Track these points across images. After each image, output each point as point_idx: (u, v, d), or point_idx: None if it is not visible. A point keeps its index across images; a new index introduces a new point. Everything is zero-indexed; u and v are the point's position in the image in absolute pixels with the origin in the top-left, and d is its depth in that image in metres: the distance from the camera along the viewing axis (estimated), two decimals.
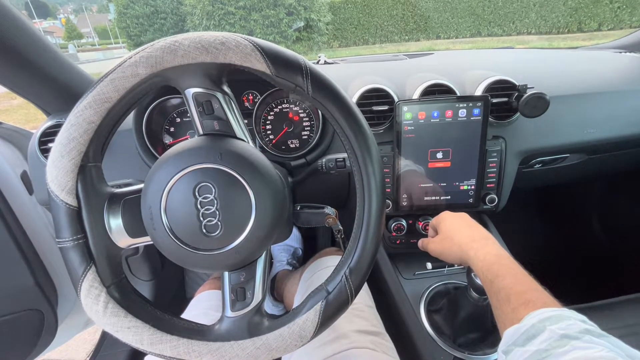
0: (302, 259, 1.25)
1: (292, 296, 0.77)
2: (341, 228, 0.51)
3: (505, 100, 0.68)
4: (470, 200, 0.71)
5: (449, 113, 0.65)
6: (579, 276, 1.12)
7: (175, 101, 0.68)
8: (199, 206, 0.36)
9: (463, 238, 0.49)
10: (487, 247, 0.45)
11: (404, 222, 0.75)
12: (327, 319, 0.39)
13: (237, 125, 0.39)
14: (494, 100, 0.67)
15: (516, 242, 0.68)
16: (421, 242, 0.60)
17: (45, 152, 0.65)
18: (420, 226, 0.75)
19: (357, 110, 0.38)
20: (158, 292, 1.06)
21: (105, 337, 1.04)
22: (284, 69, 0.35)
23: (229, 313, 0.40)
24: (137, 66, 0.34)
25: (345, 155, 0.55)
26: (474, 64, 0.83)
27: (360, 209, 0.39)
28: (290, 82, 0.36)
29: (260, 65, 0.35)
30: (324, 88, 0.36)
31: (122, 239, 0.39)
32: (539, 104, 0.62)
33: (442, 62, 0.94)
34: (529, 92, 0.64)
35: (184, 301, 1.22)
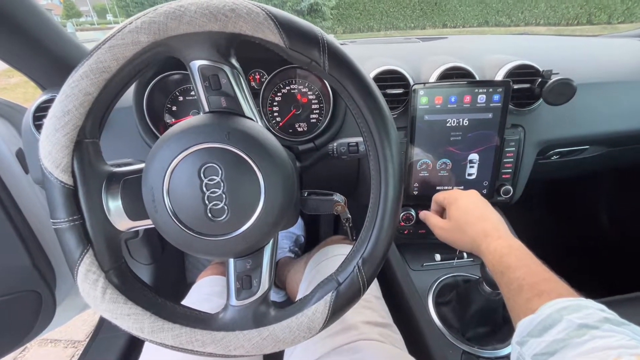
0: (305, 246, 1.23)
1: (295, 284, 0.76)
2: (350, 216, 0.49)
3: (527, 87, 0.64)
4: (484, 191, 0.68)
5: (467, 99, 0.62)
6: (587, 271, 1.11)
7: (177, 77, 0.65)
8: (204, 189, 0.34)
9: (476, 231, 0.46)
10: (498, 240, 0.43)
11: (413, 212, 0.73)
12: (337, 310, 0.37)
13: (246, 103, 0.37)
14: (515, 86, 0.63)
15: (524, 235, 0.66)
16: (424, 215, 0.57)
17: (40, 127, 0.62)
18: None
19: (377, 91, 0.35)
20: (158, 276, 1.05)
21: (104, 319, 1.03)
22: (299, 42, 0.32)
23: (234, 302, 0.38)
24: (138, 33, 0.31)
25: (358, 139, 0.52)
26: (491, 48, 0.79)
27: (376, 196, 0.37)
28: (306, 56, 0.33)
29: (273, 36, 0.32)
30: (342, 64, 0.33)
31: (122, 222, 0.36)
32: (565, 91, 0.59)
33: (458, 45, 0.90)
34: (554, 78, 0.60)
35: (184, 286, 1.22)
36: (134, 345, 0.95)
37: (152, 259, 1.02)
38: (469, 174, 0.67)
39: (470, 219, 0.48)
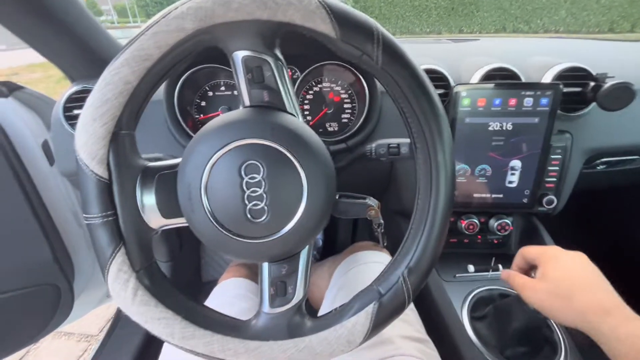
0: (322, 250, 1.21)
1: (316, 289, 0.73)
2: (382, 222, 0.46)
3: (578, 91, 0.60)
4: (525, 200, 0.64)
5: (513, 101, 0.58)
6: (633, 290, 1.04)
7: (208, 71, 0.63)
8: (244, 187, 0.31)
9: (587, 303, 0.37)
10: (629, 325, 0.35)
11: None
12: (380, 323, 0.34)
13: (288, 98, 0.34)
14: (565, 90, 0.59)
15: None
16: (507, 275, 0.48)
17: (69, 119, 0.61)
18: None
19: (434, 91, 0.33)
20: (175, 274, 1.04)
21: (120, 314, 1.02)
22: (352, 33, 0.30)
23: (267, 309, 0.36)
24: (184, 19, 0.29)
25: (399, 140, 0.49)
26: (531, 50, 0.75)
27: (424, 202, 0.35)
28: (358, 48, 0.30)
29: (324, 26, 0.29)
30: (397, 59, 0.31)
31: (155, 219, 0.35)
32: (623, 96, 0.54)
33: (495, 47, 0.86)
34: (609, 81, 0.56)
35: (199, 285, 1.20)
36: (152, 342, 0.93)
37: (169, 256, 1.01)
38: (510, 182, 0.64)
39: (579, 285, 0.39)
